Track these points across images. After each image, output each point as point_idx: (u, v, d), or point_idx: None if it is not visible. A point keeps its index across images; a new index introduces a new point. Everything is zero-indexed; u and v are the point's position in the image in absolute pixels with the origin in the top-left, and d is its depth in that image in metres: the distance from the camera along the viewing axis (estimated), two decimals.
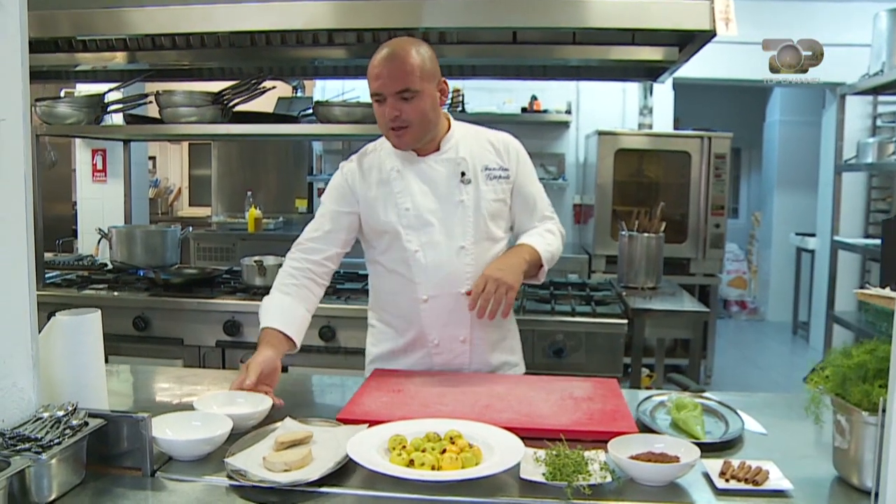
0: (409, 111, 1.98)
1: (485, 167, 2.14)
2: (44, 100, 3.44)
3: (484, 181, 2.13)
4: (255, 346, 3.19)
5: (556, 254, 2.22)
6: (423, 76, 1.98)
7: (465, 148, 2.14)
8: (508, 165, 2.18)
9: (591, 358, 3.08)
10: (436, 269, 2.09)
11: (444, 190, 2.11)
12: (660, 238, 3.73)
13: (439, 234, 2.10)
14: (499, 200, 2.15)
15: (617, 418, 1.70)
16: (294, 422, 1.63)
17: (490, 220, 2.13)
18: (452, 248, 2.10)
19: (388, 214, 2.12)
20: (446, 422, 1.57)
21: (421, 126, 2.02)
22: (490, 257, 2.13)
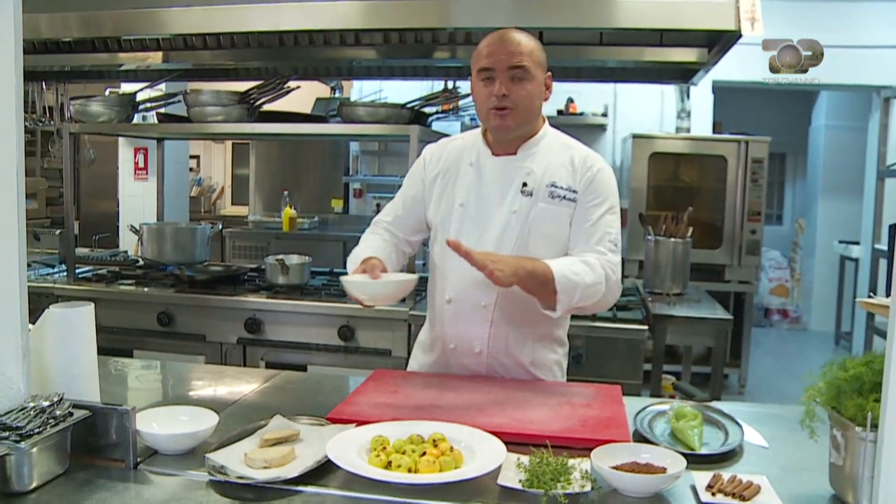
0: (518, 92, 1.92)
1: (552, 183, 1.98)
2: (78, 98, 3.52)
3: (545, 198, 1.98)
4: (276, 345, 3.26)
5: (585, 288, 1.89)
6: (535, 61, 1.94)
7: (542, 159, 2.01)
8: (578, 187, 1.98)
9: (611, 364, 3.04)
10: (464, 273, 1.91)
11: (502, 195, 2.01)
12: (686, 243, 3.66)
13: (480, 238, 1.99)
14: (555, 222, 1.98)
15: (610, 426, 1.67)
16: (283, 420, 1.63)
17: (539, 240, 1.98)
18: None
19: (441, 205, 2.08)
20: (432, 424, 1.55)
21: (526, 111, 1.95)
22: None
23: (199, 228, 3.87)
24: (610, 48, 3.25)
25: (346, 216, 6.72)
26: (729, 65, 3.70)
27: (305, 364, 3.23)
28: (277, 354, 3.27)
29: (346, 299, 3.25)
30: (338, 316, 3.21)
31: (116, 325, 3.37)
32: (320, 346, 3.24)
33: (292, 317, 3.25)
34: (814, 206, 8.00)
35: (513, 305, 2.00)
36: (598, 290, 1.93)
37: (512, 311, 2.00)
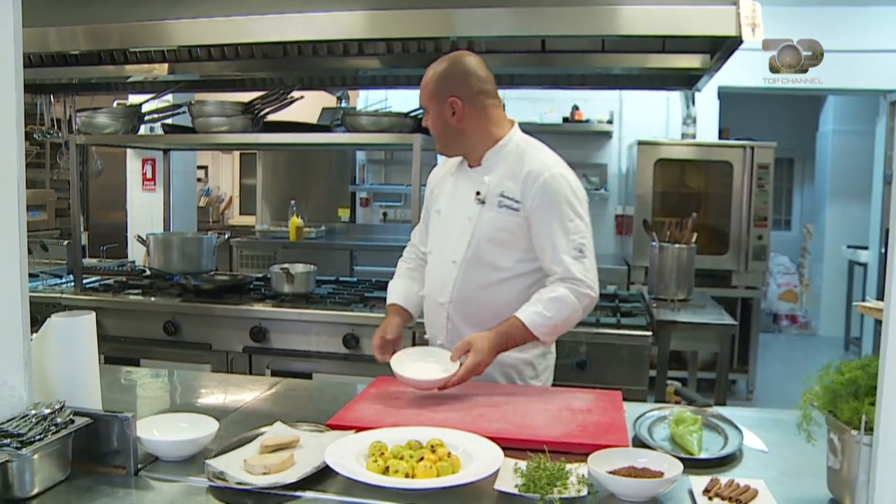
0: (429, 125, 2.19)
1: (501, 193, 2.10)
2: (84, 110, 3.56)
3: (493, 206, 2.10)
4: (281, 353, 3.28)
5: (562, 322, 2.04)
6: (428, 96, 2.14)
7: (500, 169, 2.12)
8: (521, 198, 2.07)
9: (616, 370, 3.03)
10: (430, 273, 2.26)
11: (462, 204, 2.17)
12: (691, 249, 3.65)
13: (443, 242, 2.21)
14: (501, 229, 2.09)
15: (609, 431, 1.67)
16: (283, 426, 1.65)
17: (488, 245, 2.11)
18: (446, 259, 2.19)
19: (429, 212, 2.35)
20: (430, 430, 1.56)
21: (441, 137, 2.19)
22: (484, 282, 2.13)
23: (206, 238, 3.89)
24: (613, 55, 3.27)
25: (353, 225, 6.75)
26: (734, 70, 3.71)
27: (311, 372, 3.24)
28: (283, 363, 3.28)
29: (350, 307, 3.27)
30: (343, 324, 3.22)
31: (123, 335, 3.40)
32: (325, 355, 3.24)
33: (298, 325, 3.27)
34: (822, 211, 7.97)
35: (466, 304, 2.16)
36: (574, 318, 2.08)
37: (465, 310, 2.17)
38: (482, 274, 2.13)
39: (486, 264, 2.12)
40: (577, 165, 7.22)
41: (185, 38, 3.14)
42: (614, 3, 2.74)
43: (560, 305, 2.03)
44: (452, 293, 2.16)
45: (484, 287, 2.13)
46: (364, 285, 3.85)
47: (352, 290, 3.67)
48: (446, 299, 2.17)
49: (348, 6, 2.91)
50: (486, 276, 2.13)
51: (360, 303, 3.39)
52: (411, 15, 2.97)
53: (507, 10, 2.93)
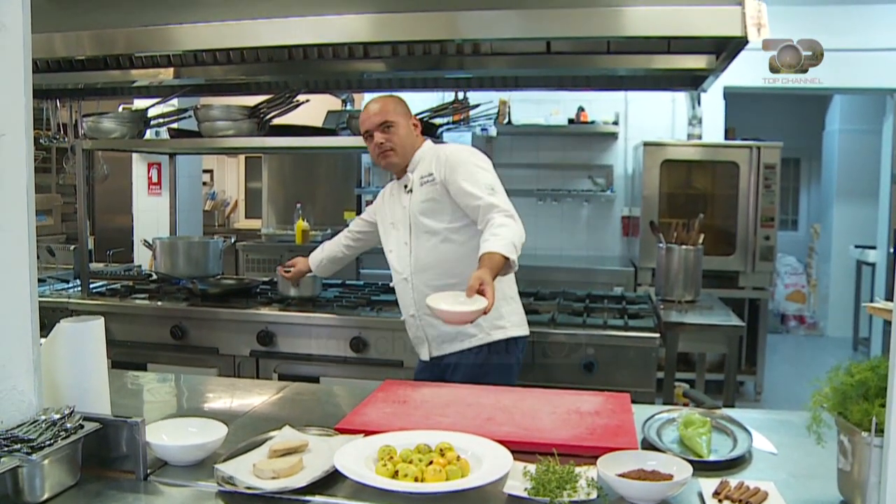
0: (390, 139, 2.63)
1: (420, 176, 2.62)
2: (90, 115, 3.57)
3: (418, 187, 2.61)
4: (288, 357, 3.28)
5: (519, 238, 2.38)
6: (394, 112, 2.64)
7: (421, 167, 2.64)
8: (434, 171, 2.59)
9: (623, 373, 3.02)
10: (392, 260, 2.71)
11: (398, 200, 2.69)
12: (698, 251, 3.64)
13: (394, 231, 2.71)
14: (429, 200, 2.58)
15: (619, 434, 1.67)
16: (292, 430, 1.65)
17: (424, 216, 2.59)
18: (399, 243, 2.68)
19: (378, 218, 2.85)
20: (439, 434, 1.56)
21: (402, 148, 2.63)
22: (429, 246, 2.60)
23: (212, 242, 3.89)
24: (618, 56, 3.25)
25: None
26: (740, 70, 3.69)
27: (318, 376, 3.24)
28: (290, 367, 3.28)
29: (357, 311, 3.27)
30: (350, 328, 3.22)
31: (130, 339, 3.40)
32: (332, 358, 3.25)
33: (304, 329, 3.27)
34: (829, 211, 7.94)
35: (423, 272, 2.60)
36: (519, 232, 2.40)
37: (424, 277, 2.59)
38: (424, 241, 2.60)
39: (427, 232, 2.59)
40: (582, 167, 7.18)
41: (190, 42, 3.13)
42: (619, 4, 2.73)
43: (505, 228, 2.39)
44: (411, 266, 2.62)
45: (430, 251, 2.59)
46: (370, 288, 3.84)
47: (358, 294, 3.67)
48: (407, 273, 2.63)
49: (353, 9, 2.90)
50: (428, 241, 2.60)
51: (367, 306, 3.39)
52: (416, 18, 2.96)
53: (511, 12, 2.92)
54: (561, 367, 3.06)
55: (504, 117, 6.21)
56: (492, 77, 3.75)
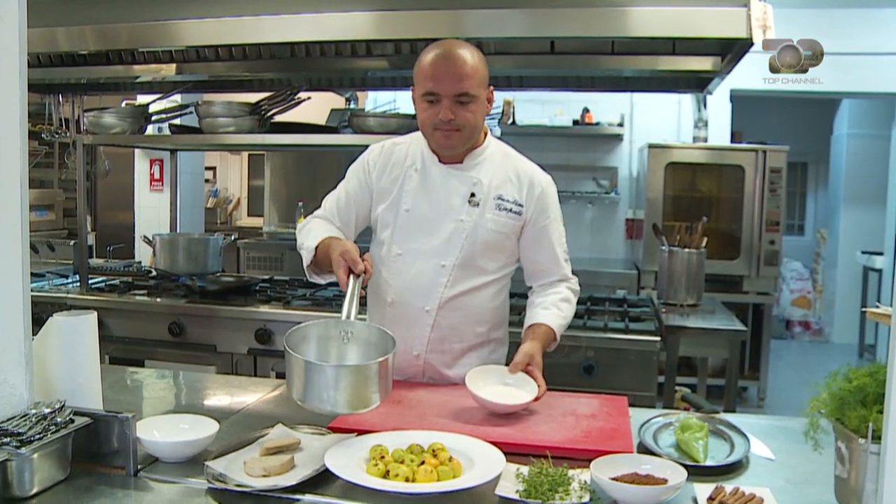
0: (464, 116, 1.95)
1: (498, 195, 2.06)
2: (91, 110, 3.56)
3: (492, 209, 2.05)
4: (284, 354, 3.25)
5: (569, 318, 2.14)
6: (479, 82, 1.96)
7: (489, 170, 2.07)
8: (524, 202, 2.07)
9: (624, 376, 3.01)
10: (408, 277, 2.07)
11: (449, 204, 2.05)
12: (701, 254, 3.62)
13: (426, 244, 2.06)
14: (500, 233, 2.06)
15: (614, 437, 1.65)
16: (284, 429, 1.64)
17: (484, 250, 2.05)
18: (432, 263, 2.05)
19: (389, 210, 2.11)
20: (432, 434, 1.55)
21: (471, 131, 2.00)
22: (470, 288, 2.07)
23: (212, 239, 3.88)
24: (623, 57, 3.24)
25: None
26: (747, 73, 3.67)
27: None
28: None
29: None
30: None
31: (128, 336, 3.40)
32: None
33: None
34: (836, 216, 7.90)
35: (454, 310, 2.07)
36: (573, 312, 2.17)
37: (452, 316, 2.07)
38: (471, 278, 2.07)
39: (477, 268, 2.07)
40: (586, 168, 7.15)
41: (193, 38, 3.14)
42: (624, 4, 2.72)
43: (568, 305, 2.15)
44: (441, 298, 2.05)
45: (470, 291, 2.07)
46: None
47: None
48: (434, 305, 2.05)
49: (356, 7, 2.90)
50: (474, 280, 2.07)
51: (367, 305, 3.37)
52: (420, 16, 2.95)
53: (516, 11, 2.92)
54: (560, 368, 3.03)
55: (508, 118, 6.18)
56: (496, 76, 3.73)
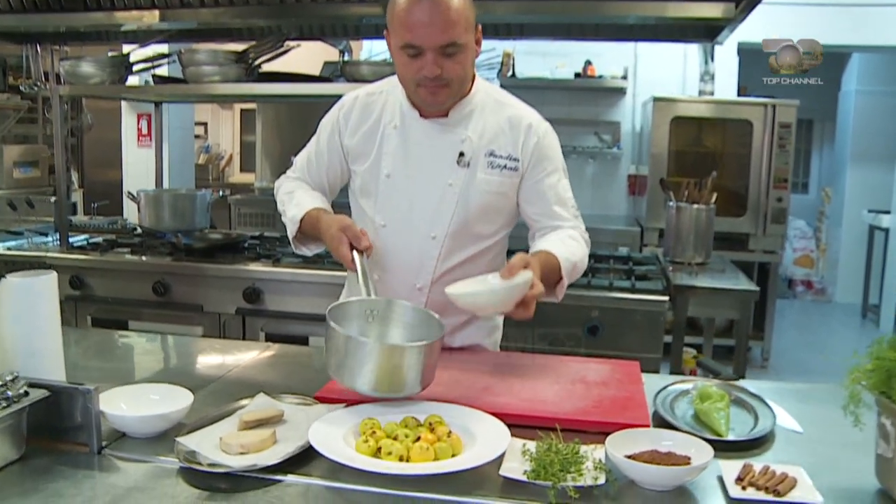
0: (452, 69, 1.67)
1: (490, 152, 1.80)
2: (68, 59, 3.36)
3: (484, 168, 1.80)
4: (276, 315, 3.12)
5: (580, 266, 1.82)
6: (466, 26, 1.67)
7: (477, 122, 1.81)
8: (520, 156, 1.82)
9: (629, 337, 2.88)
10: (395, 252, 1.83)
11: (435, 166, 1.80)
12: (710, 210, 3.46)
13: (412, 213, 1.82)
14: (496, 194, 1.82)
15: (629, 407, 1.51)
16: (267, 398, 1.49)
17: (479, 214, 1.82)
18: (421, 234, 1.82)
19: (368, 175, 1.87)
20: (428, 405, 1.41)
21: (461, 84, 1.74)
22: (466, 258, 1.85)
23: (199, 195, 3.71)
24: (629, 3, 3.04)
25: None
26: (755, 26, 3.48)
27: (307, 335, 3.10)
28: (278, 325, 3.13)
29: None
30: (340, 285, 3.02)
31: (111, 296, 3.25)
32: (322, 317, 3.07)
33: (293, 286, 3.11)
34: (842, 175, 7.71)
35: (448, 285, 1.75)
36: (583, 265, 1.84)
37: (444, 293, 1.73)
38: (467, 247, 1.85)
39: (472, 235, 1.84)
40: (588, 123, 6.93)
41: None
42: None
43: (575, 243, 1.83)
44: (434, 274, 1.83)
45: (466, 262, 1.85)
46: None
47: None
48: (426, 282, 1.84)
49: None
50: (470, 249, 1.85)
51: None
52: None
53: None
54: (563, 330, 2.91)
55: (508, 69, 5.97)
56: (496, 24, 3.53)
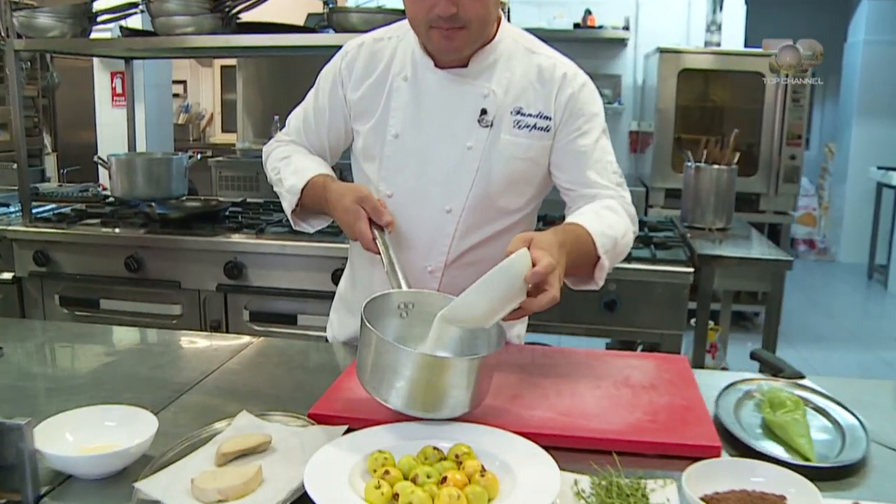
0: (471, 7, 1.40)
1: (517, 109, 1.52)
2: (22, 8, 3.00)
3: (510, 128, 1.52)
4: (260, 291, 2.83)
5: (624, 243, 1.50)
6: None
7: (503, 74, 1.52)
8: (552, 113, 1.53)
9: (650, 312, 2.64)
10: (403, 227, 1.55)
11: (452, 125, 1.53)
12: (732, 171, 3.19)
13: (424, 181, 1.55)
14: (524, 160, 1.54)
15: (690, 422, 1.24)
16: (251, 418, 1.22)
17: (504, 184, 1.55)
18: (434, 207, 1.55)
19: (372, 135, 1.59)
20: (450, 426, 1.13)
21: (482, 27, 1.45)
22: (487, 237, 1.58)
23: (176, 159, 3.39)
24: None
25: None
26: None
27: (296, 314, 2.83)
28: (263, 302, 2.85)
29: (341, 237, 2.77)
30: (332, 258, 2.76)
31: (80, 272, 2.95)
32: (312, 293, 2.80)
33: (279, 259, 2.82)
34: (847, 130, 7.45)
35: (465, 268, 1.58)
36: (629, 242, 1.54)
37: (462, 276, 1.54)
38: (488, 223, 1.58)
39: (495, 209, 1.57)
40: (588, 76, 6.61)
41: None
42: None
43: (613, 215, 1.50)
44: (449, 254, 1.57)
45: (487, 241, 1.58)
46: None
47: None
48: (439, 264, 1.58)
49: None
50: (492, 226, 1.58)
51: None
52: None
53: None
54: (578, 305, 2.65)
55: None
56: None
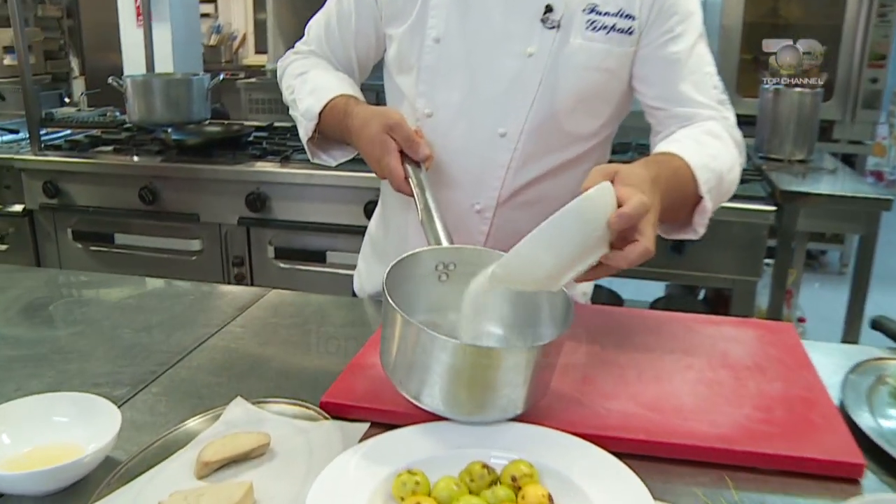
0: None
1: (592, 7, 1.21)
2: None
3: (582, 30, 1.21)
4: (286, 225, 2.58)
5: (730, 179, 1.19)
6: None
7: None
8: (636, 11, 1.21)
9: (723, 256, 2.33)
10: (446, 155, 1.26)
11: (508, 26, 1.22)
12: (817, 94, 2.79)
13: (472, 98, 1.25)
14: (600, 70, 1.22)
15: (817, 423, 0.94)
16: (245, 407, 0.95)
17: (573, 102, 1.23)
18: (485, 130, 1.25)
19: (404, 41, 1.29)
20: (502, 429, 0.85)
21: None
22: (550, 169, 1.28)
23: (196, 80, 3.11)
24: None
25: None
26: None
27: (325, 250, 2.58)
28: (289, 237, 2.60)
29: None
30: (364, 188, 2.48)
31: (93, 205, 2.72)
32: (343, 228, 2.54)
33: (306, 190, 2.54)
34: None
35: (522, 207, 1.30)
36: (736, 178, 1.23)
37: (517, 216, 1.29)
38: (553, 152, 1.28)
39: (562, 135, 1.27)
40: None
41: None
42: None
43: (716, 142, 1.19)
44: (502, 189, 1.28)
45: (549, 175, 1.29)
46: None
47: None
48: (489, 202, 1.29)
49: None
50: (557, 156, 1.28)
51: None
52: None
53: None
54: None
55: None
56: None
